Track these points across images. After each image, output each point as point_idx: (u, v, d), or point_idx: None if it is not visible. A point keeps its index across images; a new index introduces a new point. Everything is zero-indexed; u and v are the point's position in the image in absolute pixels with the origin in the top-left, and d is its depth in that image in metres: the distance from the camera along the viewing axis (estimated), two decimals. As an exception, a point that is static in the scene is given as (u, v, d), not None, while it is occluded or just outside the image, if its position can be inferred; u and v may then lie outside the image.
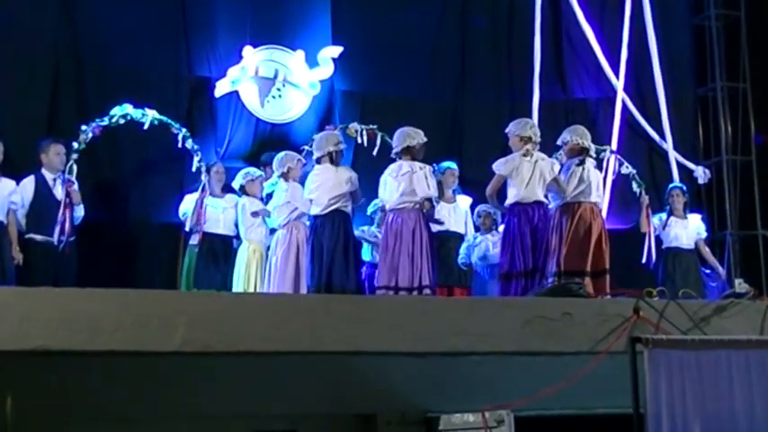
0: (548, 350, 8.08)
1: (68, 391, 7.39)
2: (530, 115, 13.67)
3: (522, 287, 9.75)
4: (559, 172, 10.31)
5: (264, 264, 10.79)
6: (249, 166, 11.81)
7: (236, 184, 11.48)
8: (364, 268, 11.46)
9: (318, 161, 10.06)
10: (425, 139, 9.94)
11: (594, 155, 10.90)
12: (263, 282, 10.55)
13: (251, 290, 10.71)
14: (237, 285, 10.92)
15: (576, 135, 10.51)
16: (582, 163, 10.33)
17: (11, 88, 11.87)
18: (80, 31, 12.50)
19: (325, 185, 9.88)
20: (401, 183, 9.73)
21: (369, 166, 11.09)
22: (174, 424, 8.09)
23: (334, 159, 10.01)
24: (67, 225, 10.45)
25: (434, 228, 10.14)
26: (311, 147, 10.50)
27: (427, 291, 9.61)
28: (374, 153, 11.55)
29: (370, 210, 11.60)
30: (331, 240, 9.73)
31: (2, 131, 10.77)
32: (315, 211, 9.90)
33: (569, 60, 14.84)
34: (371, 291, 10.71)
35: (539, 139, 10.23)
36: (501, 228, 10.59)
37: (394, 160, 9.96)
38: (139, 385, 7.52)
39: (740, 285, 9.49)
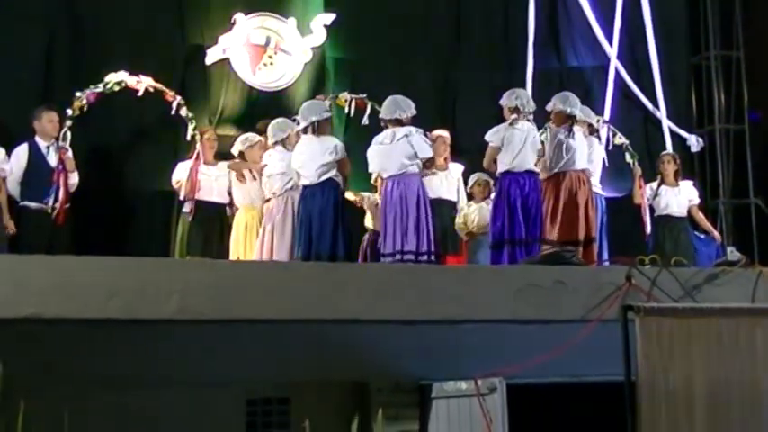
0: (540, 318, 8.12)
1: (61, 359, 7.42)
2: (524, 84, 13.67)
3: (513, 256, 9.77)
4: (545, 140, 10.35)
5: (259, 231, 10.79)
6: (241, 133, 11.76)
7: (234, 151, 11.44)
8: (367, 235, 11.45)
9: (304, 131, 10.05)
10: (415, 113, 9.95)
11: (594, 124, 10.98)
12: (257, 249, 10.53)
13: (247, 257, 10.71)
14: (235, 252, 10.92)
15: (563, 102, 10.50)
16: (569, 132, 10.33)
17: (5, 56, 11.82)
18: (73, 2, 12.44)
19: (310, 156, 9.86)
20: (401, 147, 9.75)
21: (360, 136, 11.07)
22: (168, 391, 8.12)
23: (318, 129, 9.97)
24: (62, 192, 10.45)
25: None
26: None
27: (432, 257, 9.67)
28: (364, 122, 11.56)
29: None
30: (320, 210, 9.72)
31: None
32: (304, 181, 9.90)
33: (564, 29, 14.79)
34: (375, 258, 10.75)
35: (530, 109, 10.23)
36: (494, 196, 10.61)
37: (384, 128, 9.95)
38: (133, 352, 7.56)
39: (732, 253, 9.51)
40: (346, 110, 11.82)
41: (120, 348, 7.50)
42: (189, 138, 11.38)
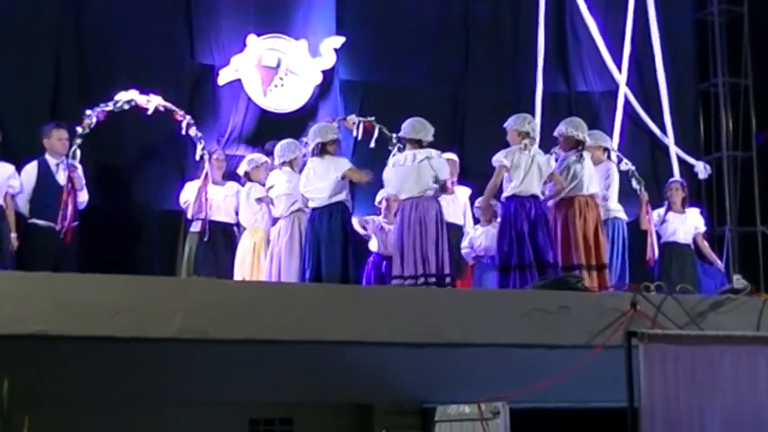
0: (544, 343, 8.13)
1: (66, 376, 7.43)
2: (533, 108, 13.69)
3: (520, 279, 9.78)
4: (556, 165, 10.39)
5: (266, 252, 10.81)
6: (250, 153, 11.79)
7: (240, 171, 11.49)
8: (371, 258, 11.46)
9: (312, 153, 10.07)
10: (432, 139, 9.99)
11: (609, 148, 11.05)
12: (265, 271, 10.54)
13: (253, 278, 10.72)
14: (240, 273, 10.94)
15: (572, 127, 10.55)
16: (579, 158, 10.36)
17: (14, 73, 11.85)
18: (83, 16, 12.45)
19: (317, 178, 9.91)
20: (422, 169, 9.76)
21: (367, 158, 11.10)
22: (171, 409, 8.12)
23: (325, 151, 9.99)
24: (70, 210, 10.46)
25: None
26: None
27: (448, 279, 9.69)
28: (371, 144, 11.60)
29: (378, 199, 11.57)
30: (328, 232, 9.74)
31: (5, 116, 10.79)
32: (312, 204, 9.93)
33: (573, 53, 14.82)
34: (379, 280, 10.76)
35: (537, 135, 10.28)
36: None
37: (390, 152, 9.98)
38: (137, 371, 7.56)
39: (738, 281, 9.51)
40: (354, 132, 11.83)
41: (124, 366, 7.50)
42: (198, 157, 11.41)
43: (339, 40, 13.37)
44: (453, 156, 11.74)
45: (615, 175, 11.23)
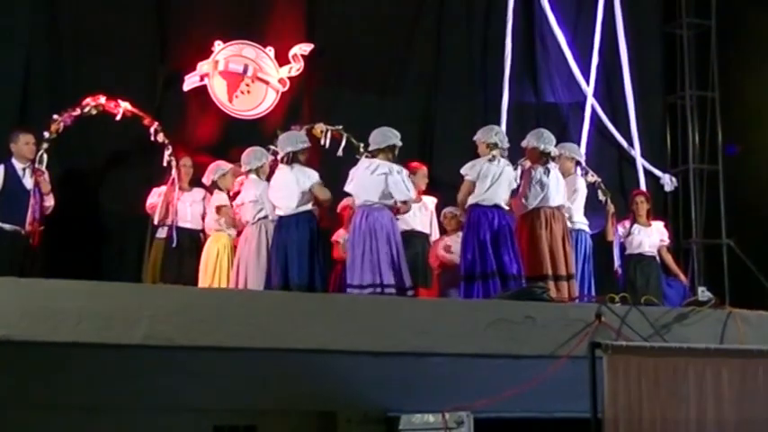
0: (509, 353, 8.15)
1: (29, 382, 7.40)
2: (499, 118, 13.73)
3: (486, 289, 9.79)
4: (521, 177, 10.41)
5: (231, 259, 10.80)
6: (217, 160, 11.76)
7: (206, 181, 11.47)
8: (339, 267, 11.43)
9: (281, 161, 10.07)
10: (399, 144, 9.98)
11: (580, 161, 11.12)
12: (232, 278, 10.53)
13: (217, 285, 10.71)
14: (204, 280, 10.92)
15: (538, 140, 10.57)
16: (546, 170, 10.40)
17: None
18: (54, 21, 12.42)
19: (286, 187, 9.89)
20: (378, 182, 9.74)
21: (334, 167, 11.10)
22: (137, 415, 8.10)
23: (294, 160, 9.98)
24: (36, 215, 10.42)
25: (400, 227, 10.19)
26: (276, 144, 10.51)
27: (410, 292, 9.67)
28: (339, 153, 11.61)
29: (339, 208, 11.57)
30: (297, 241, 9.73)
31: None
32: (279, 212, 9.92)
33: (542, 64, 14.87)
34: (342, 289, 10.76)
35: (505, 146, 10.30)
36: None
37: (357, 161, 9.98)
38: (101, 377, 7.54)
39: (703, 293, 9.55)
40: (322, 141, 11.84)
41: (89, 373, 7.48)
42: (165, 163, 11.37)
43: (308, 47, 13.36)
44: (424, 169, 11.75)
45: (582, 188, 11.27)
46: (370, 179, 9.76)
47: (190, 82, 12.83)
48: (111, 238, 12.31)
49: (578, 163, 11.35)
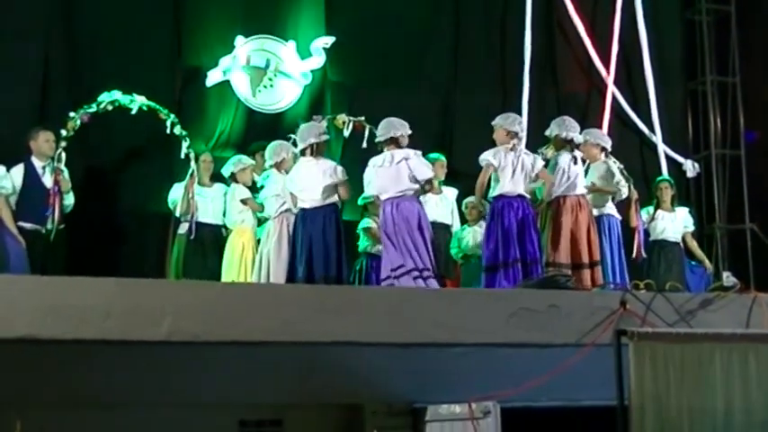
0: (534, 342, 8.13)
1: (56, 379, 7.42)
2: (520, 108, 13.70)
3: (508, 279, 9.78)
4: (546, 166, 10.38)
5: (254, 253, 10.81)
6: (238, 155, 11.77)
7: (226, 172, 11.47)
8: (364, 260, 11.45)
9: (302, 153, 10.06)
10: (410, 132, 9.95)
11: (606, 147, 11.09)
12: (255, 272, 10.54)
13: (241, 279, 10.71)
14: (229, 274, 10.93)
15: (562, 128, 10.56)
16: (571, 158, 10.39)
17: (1, 76, 11.82)
18: (72, 19, 12.44)
19: (309, 179, 9.86)
20: (400, 171, 9.71)
21: (357, 158, 11.08)
22: (162, 411, 8.12)
23: (316, 151, 9.96)
24: (57, 213, 10.43)
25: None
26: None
27: (432, 276, 9.62)
28: (363, 145, 11.60)
29: (360, 201, 11.57)
30: (323, 233, 9.71)
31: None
32: (303, 204, 9.88)
33: (561, 53, 14.84)
34: (369, 282, 10.75)
35: (524, 135, 10.29)
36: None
37: (380, 151, 9.96)
38: (127, 373, 7.55)
39: (728, 279, 9.52)
40: (344, 132, 11.83)
41: (114, 369, 7.49)
42: (183, 156, 11.36)
43: (329, 40, 13.34)
44: (441, 157, 11.75)
45: (616, 170, 11.22)
46: (389, 171, 9.73)
47: (213, 77, 12.84)
48: (132, 235, 12.32)
49: (604, 149, 11.28)
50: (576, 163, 10.44)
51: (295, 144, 10.39)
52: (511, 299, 8.35)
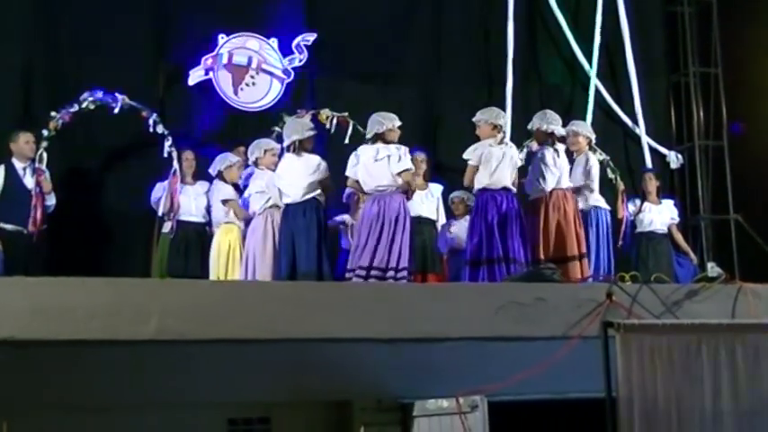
0: (521, 335, 8.13)
1: (42, 381, 7.38)
2: (504, 102, 13.69)
3: (492, 273, 9.78)
4: (529, 159, 10.40)
5: (242, 251, 10.79)
6: (222, 153, 11.74)
7: (212, 170, 11.45)
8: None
9: (287, 149, 10.04)
10: (399, 123, 9.93)
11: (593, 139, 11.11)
12: (241, 269, 10.52)
13: (231, 277, 10.70)
14: (217, 272, 10.91)
15: (544, 121, 10.57)
16: (555, 151, 10.40)
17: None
18: (53, 19, 12.41)
19: (293, 175, 9.84)
20: (383, 167, 9.70)
21: (341, 154, 11.07)
22: (149, 411, 8.08)
23: (300, 147, 9.92)
24: (39, 214, 10.40)
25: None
26: (281, 128, 10.48)
27: (404, 273, 9.59)
28: (346, 141, 11.58)
29: (345, 197, 11.57)
30: (305, 229, 9.69)
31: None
32: (287, 200, 9.87)
33: (543, 46, 14.86)
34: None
35: (507, 127, 10.29)
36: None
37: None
38: (113, 373, 7.51)
39: (712, 269, 9.54)
40: (327, 126, 11.82)
41: (99, 370, 7.45)
42: (166, 154, 11.34)
43: (311, 37, 13.33)
44: (422, 155, 11.73)
45: (596, 164, 11.23)
46: (375, 166, 9.73)
47: (195, 76, 12.82)
48: (116, 235, 12.28)
49: (590, 141, 11.29)
50: (559, 156, 10.44)
51: (279, 138, 10.38)
52: (498, 292, 8.36)
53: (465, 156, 10.16)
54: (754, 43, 14.67)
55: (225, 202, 11.10)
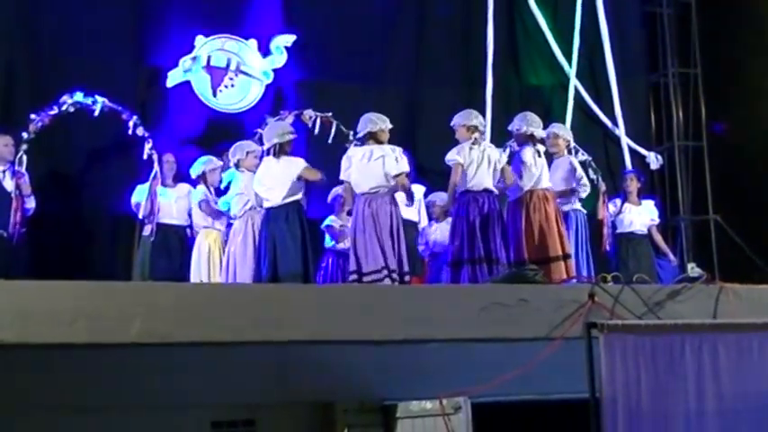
0: (504, 336, 8.12)
1: (25, 383, 7.35)
2: (484, 103, 13.71)
3: (473, 274, 9.79)
4: (510, 161, 10.41)
5: (221, 254, 10.78)
6: (202, 155, 11.72)
7: (194, 172, 11.41)
8: (331, 257, 11.45)
9: (267, 153, 10.02)
10: (390, 126, 9.95)
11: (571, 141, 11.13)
12: (222, 272, 10.51)
13: (210, 279, 10.68)
14: (198, 276, 10.89)
15: (524, 123, 10.61)
16: (534, 153, 10.42)
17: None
18: (33, 22, 12.38)
19: (274, 178, 9.83)
20: (376, 168, 9.71)
21: (323, 154, 11.07)
22: (133, 414, 8.05)
23: (280, 151, 9.90)
24: (18, 217, 10.37)
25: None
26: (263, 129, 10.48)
27: (407, 277, 9.67)
28: (329, 141, 11.56)
29: (330, 198, 11.56)
30: (285, 232, 9.68)
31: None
32: (267, 204, 9.86)
33: (523, 47, 14.89)
34: (334, 278, 10.73)
35: (485, 129, 10.31)
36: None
37: (346, 149, 9.94)
38: (97, 376, 7.49)
39: (693, 270, 9.59)
40: (310, 126, 11.81)
41: (83, 373, 7.43)
42: (145, 157, 11.32)
43: (290, 38, 13.32)
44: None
45: (579, 167, 11.26)
46: (368, 167, 9.74)
47: (173, 78, 12.78)
48: (97, 237, 12.27)
49: (569, 144, 11.33)
50: (540, 156, 10.47)
51: (261, 140, 10.37)
52: (481, 294, 8.34)
53: (448, 158, 10.16)
54: (732, 43, 14.71)
55: (199, 205, 11.09)
